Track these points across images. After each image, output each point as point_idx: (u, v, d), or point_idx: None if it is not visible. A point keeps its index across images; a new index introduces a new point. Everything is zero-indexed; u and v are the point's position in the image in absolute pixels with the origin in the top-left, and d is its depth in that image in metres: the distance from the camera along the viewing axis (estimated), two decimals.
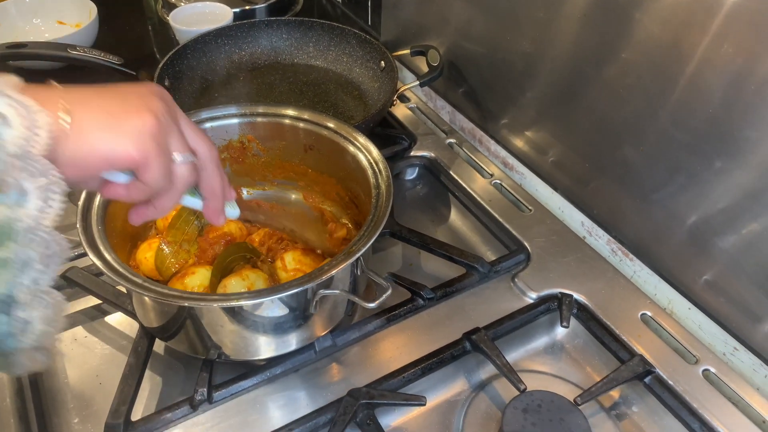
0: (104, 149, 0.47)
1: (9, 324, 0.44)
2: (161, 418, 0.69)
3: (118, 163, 0.49)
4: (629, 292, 0.84)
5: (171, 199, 0.55)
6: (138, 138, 0.48)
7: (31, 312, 0.45)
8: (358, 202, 0.83)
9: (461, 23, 1.05)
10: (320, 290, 0.68)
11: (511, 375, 0.71)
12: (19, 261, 0.43)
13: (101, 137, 0.47)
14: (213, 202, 0.60)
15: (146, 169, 0.50)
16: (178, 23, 1.24)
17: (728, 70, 0.66)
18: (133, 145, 0.48)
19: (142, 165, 0.49)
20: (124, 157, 0.48)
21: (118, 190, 0.52)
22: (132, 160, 0.48)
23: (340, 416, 0.68)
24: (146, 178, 0.51)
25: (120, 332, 0.82)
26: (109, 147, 0.47)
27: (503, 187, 1.02)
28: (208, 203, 0.60)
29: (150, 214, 0.56)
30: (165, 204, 0.56)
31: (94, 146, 0.47)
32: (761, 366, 0.74)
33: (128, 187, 0.52)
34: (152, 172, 0.50)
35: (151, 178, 0.51)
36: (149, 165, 0.50)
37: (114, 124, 0.48)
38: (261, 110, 0.85)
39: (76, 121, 0.46)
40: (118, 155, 0.48)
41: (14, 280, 0.44)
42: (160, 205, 0.55)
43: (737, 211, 0.71)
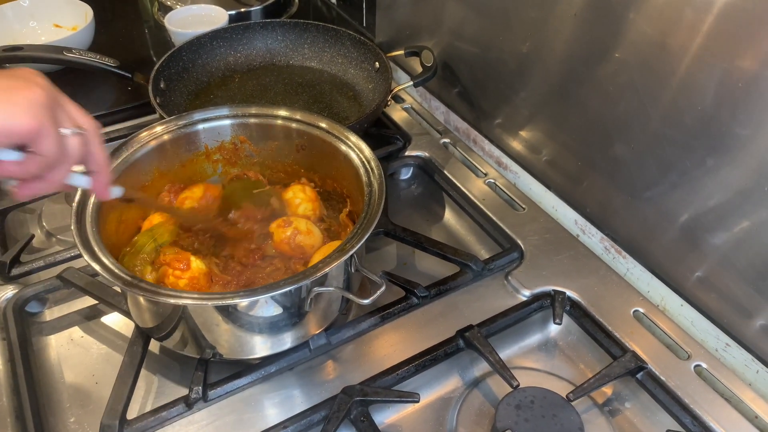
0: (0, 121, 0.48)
1: None
2: (157, 417, 0.70)
3: (14, 133, 0.49)
4: (622, 289, 0.85)
5: (63, 171, 0.56)
6: (31, 108, 0.50)
7: None
8: (351, 201, 0.84)
9: (455, 24, 1.06)
10: (315, 288, 0.68)
11: (504, 372, 0.72)
12: None
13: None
14: (101, 175, 0.62)
15: (42, 138, 0.51)
16: (173, 25, 1.25)
17: (718, 69, 0.67)
18: (29, 115, 0.49)
19: (38, 134, 0.50)
20: (20, 127, 0.49)
21: (11, 168, 0.53)
22: (29, 129, 0.49)
23: (335, 413, 0.68)
24: (42, 147, 0.51)
25: (116, 332, 0.82)
26: (3, 118, 0.48)
27: (497, 186, 1.02)
28: (97, 177, 0.62)
29: (41, 188, 0.57)
30: (57, 177, 0.56)
31: None
32: (753, 362, 0.74)
33: (22, 163, 0.53)
34: (48, 141, 0.51)
35: (47, 147, 0.52)
36: (44, 134, 0.51)
37: (4, 97, 0.49)
38: (253, 111, 0.86)
39: None
40: (13, 126, 0.49)
41: None
42: (52, 177, 0.56)
43: (728, 208, 0.72)
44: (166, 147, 0.83)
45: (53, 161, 0.54)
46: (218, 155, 0.87)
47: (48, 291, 0.83)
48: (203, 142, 0.86)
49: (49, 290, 0.83)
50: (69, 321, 0.83)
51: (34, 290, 0.82)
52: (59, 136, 0.53)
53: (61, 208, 0.98)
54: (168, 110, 1.01)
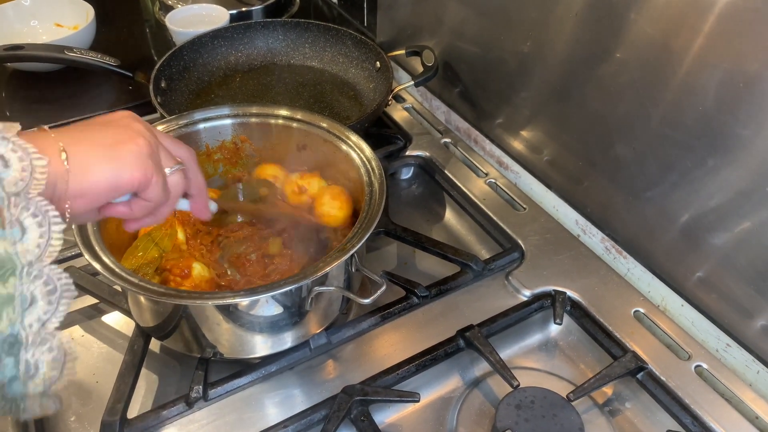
0: (110, 178, 0.50)
1: (15, 367, 0.44)
2: (157, 416, 0.70)
3: (123, 188, 0.52)
4: (622, 290, 0.85)
5: (169, 207, 0.60)
6: (137, 162, 0.52)
7: (37, 355, 0.45)
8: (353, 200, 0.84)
9: (456, 24, 1.06)
10: (315, 287, 0.68)
11: (505, 372, 0.72)
12: (22, 298, 0.44)
13: (104, 168, 0.50)
14: (200, 198, 0.65)
15: (148, 187, 0.54)
16: (174, 25, 1.25)
17: (719, 69, 0.67)
18: (136, 169, 0.52)
19: (145, 185, 0.53)
20: (129, 181, 0.52)
21: (120, 209, 0.56)
22: (137, 182, 0.52)
23: (335, 413, 0.68)
24: (149, 195, 0.55)
25: (116, 331, 0.83)
26: (113, 175, 0.51)
27: (498, 186, 1.02)
28: (196, 200, 0.65)
29: (149, 222, 0.60)
30: (164, 212, 0.60)
31: (100, 178, 0.50)
32: (753, 362, 0.74)
33: (130, 205, 0.56)
34: (154, 189, 0.54)
35: (154, 194, 0.55)
36: (151, 184, 0.54)
37: (112, 154, 0.51)
38: (254, 111, 0.86)
39: (76, 159, 0.48)
40: (123, 181, 0.51)
41: (19, 320, 0.44)
42: (159, 213, 0.59)
43: (729, 208, 0.72)
44: None
45: (159, 204, 0.57)
46: (219, 155, 0.87)
47: None
48: (204, 142, 0.86)
49: None
50: (70, 320, 0.83)
51: None
52: (164, 182, 0.56)
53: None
54: (169, 110, 1.01)
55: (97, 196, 0.51)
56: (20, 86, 1.25)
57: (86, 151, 0.50)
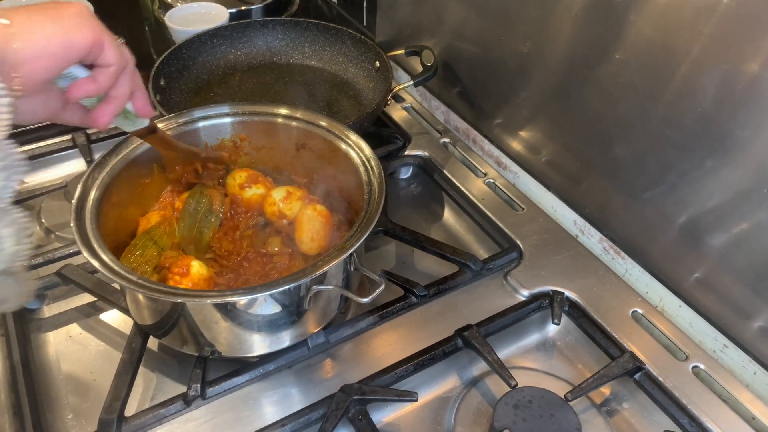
0: (60, 37, 0.49)
1: None
2: (155, 414, 0.70)
3: (77, 47, 0.50)
4: (621, 290, 0.85)
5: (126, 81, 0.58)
6: (84, 21, 0.51)
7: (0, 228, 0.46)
8: (350, 200, 0.84)
9: (455, 24, 1.06)
10: (314, 286, 0.68)
11: (503, 371, 0.72)
12: None
13: (51, 28, 0.49)
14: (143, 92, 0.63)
15: (104, 47, 0.52)
16: (174, 23, 1.25)
17: (719, 70, 0.67)
18: (85, 27, 0.50)
19: (100, 43, 0.51)
20: (82, 40, 0.50)
21: (87, 87, 0.54)
22: (90, 41, 0.50)
23: (332, 412, 0.68)
24: (108, 56, 0.53)
25: (114, 329, 0.82)
26: (63, 34, 0.49)
27: (497, 186, 1.03)
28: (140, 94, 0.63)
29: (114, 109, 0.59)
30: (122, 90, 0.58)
31: (51, 36, 0.49)
32: (750, 363, 0.74)
33: (93, 78, 0.54)
34: (110, 49, 0.53)
35: (112, 55, 0.53)
36: (105, 42, 0.52)
37: (55, 15, 0.50)
38: (254, 109, 0.85)
39: (18, 24, 0.47)
40: (76, 40, 0.50)
41: None
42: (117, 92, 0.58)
43: (727, 209, 0.72)
44: None
45: (121, 68, 0.55)
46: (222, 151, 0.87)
47: (47, 288, 0.83)
48: (203, 140, 0.86)
49: (48, 287, 0.83)
50: (67, 318, 0.83)
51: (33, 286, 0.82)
52: (116, 43, 0.54)
53: (60, 204, 0.98)
54: (168, 108, 1.01)
55: (52, 58, 0.49)
56: None
57: (27, 15, 0.48)
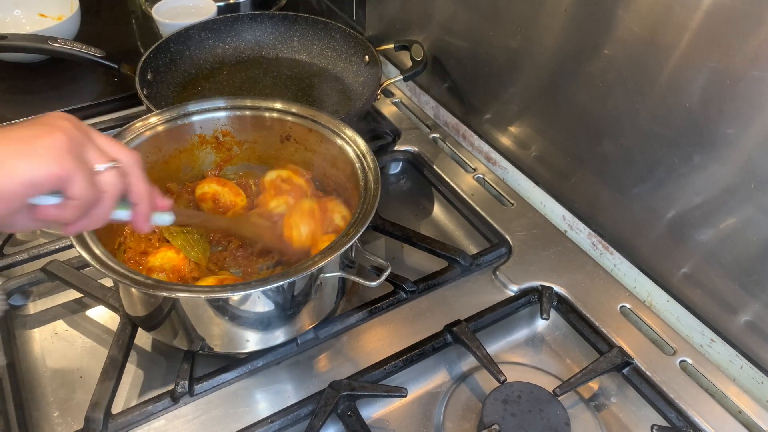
0: (24, 174, 0.47)
1: None
2: (142, 411, 0.69)
3: (41, 184, 0.48)
4: (609, 285, 0.85)
5: (105, 208, 0.55)
6: (53, 155, 0.48)
7: None
8: (339, 190, 0.83)
9: (445, 18, 1.06)
10: (320, 275, 0.69)
11: (492, 366, 0.72)
12: None
13: (17, 164, 0.47)
14: (141, 206, 0.59)
15: (71, 183, 0.49)
16: (161, 17, 1.24)
17: (706, 67, 0.67)
18: (52, 162, 0.48)
19: (66, 180, 0.49)
20: (46, 175, 0.47)
21: (50, 212, 0.51)
22: (55, 177, 0.48)
23: (322, 408, 0.68)
24: (74, 192, 0.50)
25: (101, 326, 0.82)
26: (28, 171, 0.47)
27: (486, 181, 1.03)
28: (137, 208, 0.59)
29: (87, 225, 0.55)
30: (100, 214, 0.55)
31: (13, 174, 0.46)
32: (737, 357, 0.75)
33: (60, 207, 0.51)
34: (77, 184, 0.50)
35: (78, 190, 0.50)
36: (73, 178, 0.49)
37: (26, 148, 0.47)
38: (248, 104, 0.85)
39: None
40: (39, 176, 0.47)
41: None
42: (95, 215, 0.54)
43: (714, 205, 0.72)
44: (160, 138, 0.82)
45: (90, 202, 0.52)
46: (210, 146, 0.87)
47: (32, 284, 0.82)
48: (196, 134, 0.85)
49: (33, 283, 0.82)
50: (53, 314, 0.83)
51: (18, 283, 0.81)
52: (90, 178, 0.51)
53: None
54: (155, 102, 1.00)
55: (14, 196, 0.47)
56: (3, 77, 1.23)
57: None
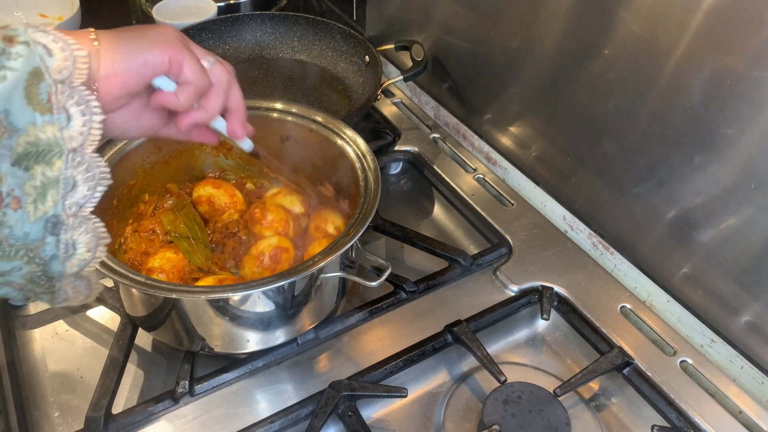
0: (140, 55, 0.51)
1: (56, 246, 0.48)
2: (143, 411, 0.69)
3: (154, 64, 0.52)
4: (609, 285, 0.85)
5: (217, 96, 0.58)
6: (165, 40, 0.53)
7: (76, 235, 0.49)
8: (338, 191, 0.83)
9: (445, 18, 1.06)
10: (321, 275, 0.69)
11: (492, 367, 0.72)
12: (66, 181, 0.47)
13: (133, 47, 0.51)
14: (237, 113, 0.62)
15: (183, 65, 0.53)
16: (161, 17, 1.24)
17: (706, 67, 0.67)
18: (165, 46, 0.52)
19: (178, 62, 0.53)
20: (160, 57, 0.52)
21: (168, 98, 0.55)
22: (167, 58, 0.52)
23: (322, 408, 0.68)
24: (186, 74, 0.54)
25: (101, 326, 0.82)
26: (143, 51, 0.52)
27: (486, 181, 1.03)
28: (232, 116, 0.62)
29: (200, 116, 0.59)
30: (212, 103, 0.58)
31: (132, 54, 0.51)
32: (738, 357, 0.75)
33: (177, 93, 0.55)
34: (189, 66, 0.54)
35: (191, 72, 0.54)
36: (184, 61, 0.53)
37: (139, 36, 0.52)
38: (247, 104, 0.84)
39: (106, 42, 0.50)
40: (153, 57, 0.52)
41: (62, 201, 0.47)
42: (208, 105, 0.58)
43: (715, 205, 0.72)
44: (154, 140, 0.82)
45: (203, 87, 0.56)
46: (210, 146, 0.87)
47: None
48: None
49: None
50: (53, 314, 0.82)
51: None
52: (199, 63, 0.55)
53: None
54: None
55: (128, 74, 0.51)
56: None
57: (115, 35, 0.51)
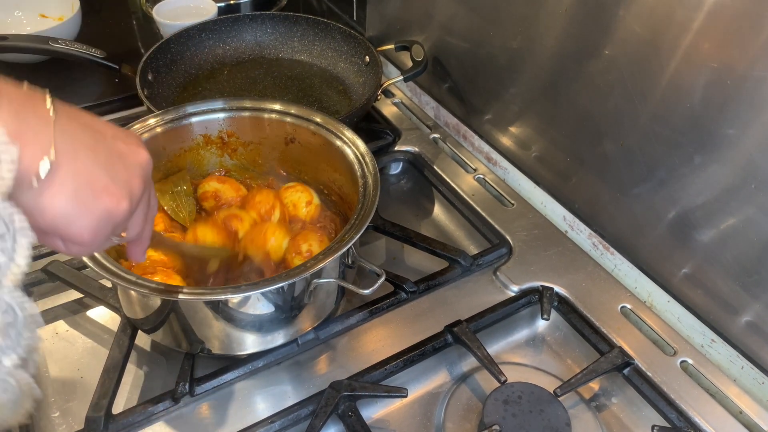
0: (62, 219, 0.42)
1: None
2: (143, 412, 0.69)
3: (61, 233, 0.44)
4: (609, 285, 0.85)
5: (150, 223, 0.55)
6: (99, 224, 0.44)
7: None
8: (342, 194, 0.84)
9: (445, 18, 1.06)
10: (314, 280, 0.68)
11: (492, 367, 0.72)
12: None
13: (68, 207, 0.42)
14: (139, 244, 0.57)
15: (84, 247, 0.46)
16: (162, 17, 1.24)
17: (707, 67, 0.67)
18: (90, 230, 0.44)
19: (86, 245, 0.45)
20: (75, 235, 0.44)
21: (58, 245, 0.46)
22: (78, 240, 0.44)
23: (322, 408, 0.68)
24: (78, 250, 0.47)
25: (101, 326, 0.82)
26: (65, 218, 0.42)
27: (486, 181, 1.03)
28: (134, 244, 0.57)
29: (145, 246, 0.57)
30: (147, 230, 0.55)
31: (56, 211, 0.42)
32: (738, 357, 0.75)
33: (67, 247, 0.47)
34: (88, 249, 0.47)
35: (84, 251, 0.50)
36: (90, 246, 0.46)
37: (88, 199, 0.43)
38: (246, 104, 0.85)
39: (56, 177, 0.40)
40: (70, 231, 0.43)
41: None
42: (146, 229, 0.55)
43: (715, 205, 0.72)
44: (162, 138, 0.82)
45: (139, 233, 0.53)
46: (215, 146, 0.87)
47: (32, 284, 0.82)
48: (195, 135, 0.85)
49: (34, 283, 0.82)
50: (54, 314, 0.82)
51: None
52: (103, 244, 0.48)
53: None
54: (155, 102, 1.00)
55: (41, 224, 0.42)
56: None
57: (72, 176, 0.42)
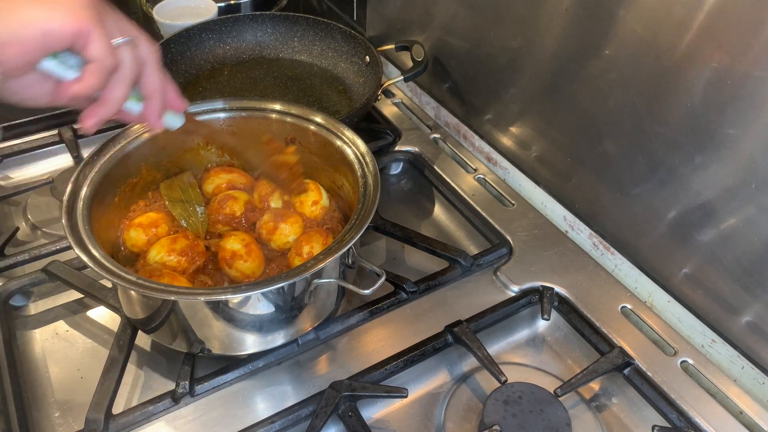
0: (39, 22, 0.45)
1: None
2: (143, 411, 0.69)
3: (56, 36, 0.46)
4: (610, 285, 0.85)
5: (122, 87, 0.52)
6: (72, 8, 0.46)
7: None
8: (342, 194, 0.84)
9: (446, 19, 1.06)
10: (315, 280, 0.68)
11: (493, 367, 0.72)
12: None
13: (35, 10, 0.45)
14: (153, 102, 0.57)
15: (89, 40, 0.47)
16: (162, 17, 1.24)
17: (707, 67, 0.67)
18: (70, 15, 0.46)
19: (83, 35, 0.47)
20: (61, 28, 0.46)
21: (73, 87, 0.49)
22: (70, 30, 0.46)
23: (322, 408, 0.68)
24: (92, 51, 0.48)
25: (102, 326, 0.82)
26: (44, 19, 0.45)
27: (487, 181, 1.03)
28: (148, 103, 0.57)
29: (102, 112, 0.54)
30: (116, 94, 0.53)
31: (29, 20, 0.45)
32: (738, 357, 0.75)
33: (81, 79, 0.50)
34: (96, 43, 0.48)
35: (96, 50, 0.48)
36: (90, 35, 0.47)
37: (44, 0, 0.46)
38: (246, 105, 0.85)
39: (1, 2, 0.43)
40: (55, 27, 0.46)
41: None
42: (110, 95, 0.53)
43: (716, 205, 0.72)
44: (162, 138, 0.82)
45: (108, 68, 0.50)
46: (214, 146, 0.87)
47: (33, 284, 0.82)
48: (194, 136, 0.85)
49: (34, 284, 0.82)
50: (54, 315, 0.83)
51: (19, 283, 0.81)
52: (108, 39, 0.49)
53: (47, 200, 0.97)
54: None
55: (28, 44, 0.45)
56: None
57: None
